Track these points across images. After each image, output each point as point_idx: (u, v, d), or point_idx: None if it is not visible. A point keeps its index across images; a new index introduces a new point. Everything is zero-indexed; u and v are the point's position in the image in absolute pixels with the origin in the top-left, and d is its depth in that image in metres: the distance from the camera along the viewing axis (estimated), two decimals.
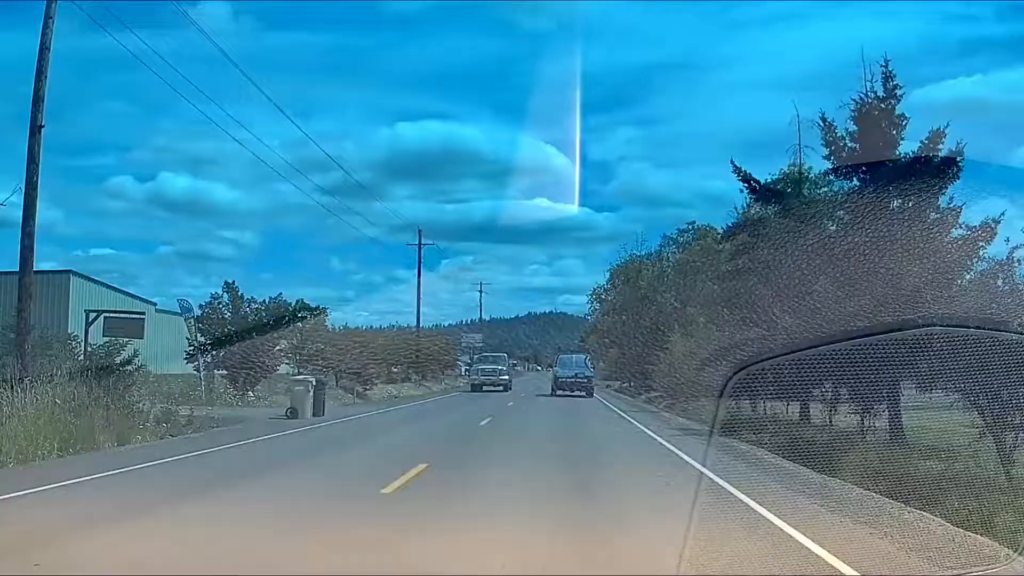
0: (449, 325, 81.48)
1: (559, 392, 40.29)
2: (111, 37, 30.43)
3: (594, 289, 56.96)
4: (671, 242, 40.48)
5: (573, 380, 41.20)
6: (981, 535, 7.10)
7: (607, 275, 51.89)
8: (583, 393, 39.89)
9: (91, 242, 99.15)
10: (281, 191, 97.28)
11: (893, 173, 14.38)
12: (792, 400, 15.12)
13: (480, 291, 75.83)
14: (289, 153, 77.76)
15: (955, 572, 6.40)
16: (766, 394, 12.43)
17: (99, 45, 47.16)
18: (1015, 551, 6.20)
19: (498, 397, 39.46)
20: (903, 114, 15.74)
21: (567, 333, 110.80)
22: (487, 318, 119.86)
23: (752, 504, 8.87)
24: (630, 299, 43.11)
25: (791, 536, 7.30)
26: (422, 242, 54.87)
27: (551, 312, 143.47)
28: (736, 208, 27.12)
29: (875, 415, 12.94)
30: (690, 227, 38.16)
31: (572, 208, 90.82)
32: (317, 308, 35.19)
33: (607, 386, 51.86)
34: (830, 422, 14.45)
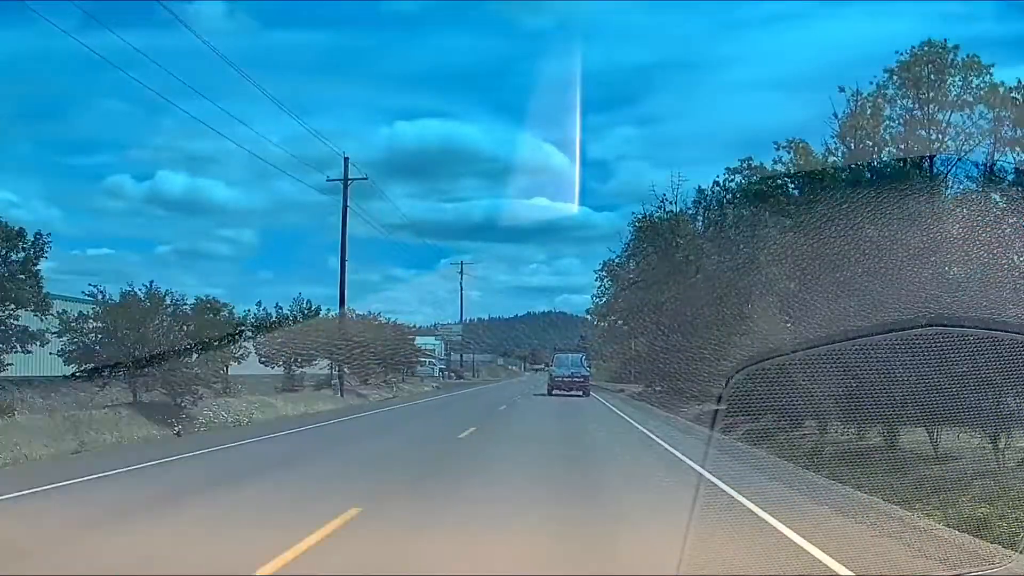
0: (446, 324, 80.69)
1: (555, 392, 40.19)
2: (111, 36, 30.29)
3: (604, 263, 45.28)
4: (719, 189, 28.69)
5: (570, 379, 41.15)
6: (979, 536, 7.09)
7: (628, 232, 39.48)
8: (579, 392, 39.87)
9: (89, 242, 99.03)
10: (279, 188, 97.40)
11: None
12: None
13: (461, 271, 72.26)
14: (287, 151, 77.74)
15: (954, 573, 6.38)
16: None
17: (100, 44, 47.00)
18: (1015, 550, 6.19)
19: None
20: None
21: (566, 332, 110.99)
22: (486, 317, 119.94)
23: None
24: (662, 268, 32.04)
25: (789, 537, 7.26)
26: (348, 177, 35.25)
27: (550, 311, 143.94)
28: (837, 115, 22.85)
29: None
30: (745, 165, 27.25)
31: (571, 207, 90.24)
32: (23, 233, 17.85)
33: (619, 391, 45.56)
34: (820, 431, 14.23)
